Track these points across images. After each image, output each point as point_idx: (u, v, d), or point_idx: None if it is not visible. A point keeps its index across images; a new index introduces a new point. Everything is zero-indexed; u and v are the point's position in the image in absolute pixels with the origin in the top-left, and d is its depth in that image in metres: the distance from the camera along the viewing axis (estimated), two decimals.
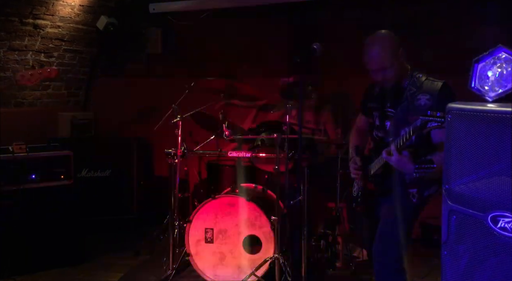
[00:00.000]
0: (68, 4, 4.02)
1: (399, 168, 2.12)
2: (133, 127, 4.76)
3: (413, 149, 2.12)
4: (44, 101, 4.43)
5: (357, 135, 2.66)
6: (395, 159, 2.08)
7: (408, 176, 2.20)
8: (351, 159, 2.53)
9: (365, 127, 2.66)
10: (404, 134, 2.04)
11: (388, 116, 2.32)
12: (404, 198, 2.23)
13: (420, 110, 2.11)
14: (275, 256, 2.89)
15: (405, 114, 2.19)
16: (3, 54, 3.83)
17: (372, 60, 2.22)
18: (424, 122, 1.87)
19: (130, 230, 4.18)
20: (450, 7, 3.85)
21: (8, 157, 3.14)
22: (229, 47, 4.58)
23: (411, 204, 2.24)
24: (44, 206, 3.27)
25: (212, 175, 3.82)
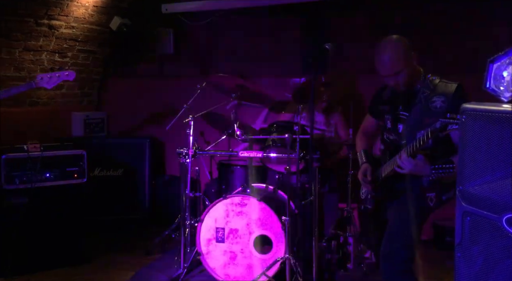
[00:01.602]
0: (82, 5, 4.07)
1: (416, 173, 2.10)
2: (145, 126, 4.81)
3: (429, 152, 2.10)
4: (58, 101, 4.49)
5: (364, 138, 2.64)
6: (410, 166, 2.07)
7: (426, 179, 2.19)
8: (362, 166, 2.50)
9: (372, 129, 2.64)
10: (421, 136, 2.02)
11: (401, 119, 2.30)
12: (420, 202, 2.21)
13: (435, 112, 2.09)
14: (286, 256, 2.89)
15: (420, 116, 2.17)
16: (19, 55, 3.90)
17: (385, 65, 2.20)
18: (444, 125, 1.86)
19: (141, 229, 4.21)
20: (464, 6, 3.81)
21: (23, 156, 3.18)
22: (241, 47, 4.59)
23: (427, 207, 2.22)
24: (58, 205, 3.32)
25: (223, 175, 3.83)
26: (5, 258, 3.13)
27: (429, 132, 1.96)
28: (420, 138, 2.03)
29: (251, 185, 3.30)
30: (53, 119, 4.39)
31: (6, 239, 3.12)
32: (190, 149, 3.24)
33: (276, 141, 3.23)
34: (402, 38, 2.24)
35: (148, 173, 4.40)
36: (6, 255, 3.12)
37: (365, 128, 2.67)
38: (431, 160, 2.06)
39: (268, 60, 4.52)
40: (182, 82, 4.64)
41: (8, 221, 3.12)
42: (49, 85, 2.97)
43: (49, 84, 2.96)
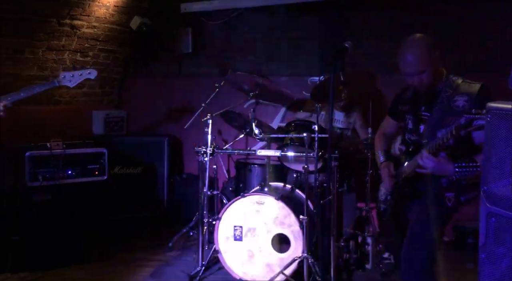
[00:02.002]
0: (104, 5, 4.13)
1: (438, 171, 2.07)
2: (163, 125, 4.86)
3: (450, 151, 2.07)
4: (80, 100, 4.57)
5: (383, 139, 2.62)
6: (432, 164, 2.05)
7: (446, 179, 2.16)
8: (383, 163, 2.48)
9: (392, 131, 2.62)
10: (445, 134, 2.00)
11: (422, 119, 2.28)
12: (439, 202, 2.18)
13: (457, 111, 2.06)
14: (304, 255, 2.89)
15: (441, 116, 2.15)
16: (42, 54, 3.98)
17: (408, 65, 2.18)
18: (469, 120, 1.82)
19: (160, 227, 4.25)
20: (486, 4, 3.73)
21: (46, 154, 3.26)
22: (259, 46, 4.60)
23: (445, 208, 2.20)
24: (79, 201, 3.38)
25: (241, 174, 3.84)
26: (28, 253, 3.20)
27: (453, 128, 1.92)
28: (443, 135, 2.00)
29: (269, 184, 3.31)
30: (75, 118, 4.47)
31: (30, 235, 3.20)
32: (209, 147, 3.26)
33: (294, 140, 3.23)
34: (426, 37, 2.21)
35: (167, 171, 4.44)
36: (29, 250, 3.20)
37: (384, 130, 2.65)
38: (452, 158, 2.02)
39: (286, 58, 4.51)
40: (200, 81, 4.68)
41: (31, 218, 3.20)
42: (72, 84, 3.01)
43: (71, 83, 3.01)
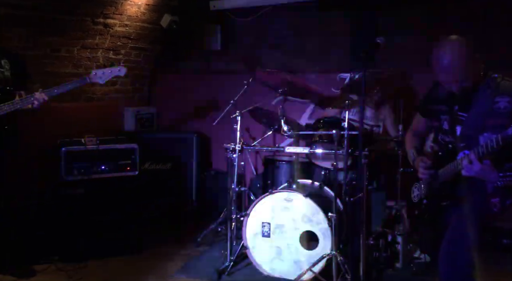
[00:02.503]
0: (135, 4, 4.22)
1: (481, 177, 2.01)
2: (192, 121, 4.91)
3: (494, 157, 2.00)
4: (112, 96, 4.68)
5: (414, 138, 2.55)
6: (477, 169, 1.97)
7: (491, 185, 2.09)
8: (418, 159, 2.41)
9: (423, 130, 2.54)
10: (490, 142, 1.91)
11: (459, 120, 2.18)
12: (483, 207, 2.12)
13: (499, 113, 1.97)
14: (333, 253, 2.87)
15: (481, 118, 2.06)
16: (77, 52, 4.10)
17: (447, 72, 2.07)
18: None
19: (189, 222, 4.32)
20: None
21: (81, 149, 3.36)
22: (288, 42, 4.58)
23: (492, 213, 2.13)
24: (112, 196, 3.47)
25: (269, 170, 3.85)
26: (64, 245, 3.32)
27: (499, 139, 1.84)
28: (488, 144, 1.92)
29: (297, 181, 3.30)
30: (107, 114, 4.58)
31: (65, 227, 3.32)
32: (237, 144, 3.28)
33: (323, 137, 3.21)
34: (465, 40, 2.09)
35: (195, 167, 4.49)
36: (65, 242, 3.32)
37: (415, 128, 2.58)
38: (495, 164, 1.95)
39: (315, 55, 4.47)
40: (229, 78, 4.70)
41: (67, 211, 3.31)
42: (102, 80, 3.10)
43: (102, 79, 3.09)
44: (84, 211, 3.32)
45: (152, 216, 4.23)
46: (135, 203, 3.58)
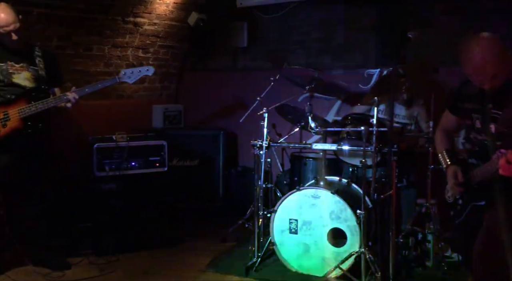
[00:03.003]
0: (164, 2, 4.28)
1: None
2: (218, 118, 4.95)
3: None
4: (141, 94, 4.78)
5: (445, 137, 2.48)
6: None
7: None
8: (449, 168, 2.34)
9: (453, 127, 2.48)
10: None
11: (493, 118, 2.11)
12: None
13: None
14: (361, 250, 2.85)
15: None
16: (108, 51, 4.20)
17: (477, 71, 2.02)
18: None
19: (216, 218, 4.36)
20: None
21: (112, 146, 3.44)
22: (314, 38, 4.55)
23: None
24: (141, 192, 3.54)
25: (295, 167, 3.85)
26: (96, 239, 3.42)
27: None
28: None
29: (324, 177, 3.28)
30: (136, 111, 4.67)
31: (97, 222, 3.41)
32: (264, 141, 3.29)
33: (350, 134, 3.18)
34: (496, 38, 2.04)
35: (222, 163, 4.53)
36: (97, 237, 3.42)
37: (445, 126, 2.52)
38: None
39: (342, 50, 4.43)
40: (255, 75, 4.72)
41: (99, 206, 3.41)
42: (131, 80, 3.16)
43: (130, 79, 3.15)
44: (115, 206, 3.40)
45: (179, 211, 4.30)
46: (164, 199, 3.64)
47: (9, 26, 2.79)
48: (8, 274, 3.02)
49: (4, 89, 2.91)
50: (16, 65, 2.92)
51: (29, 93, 2.93)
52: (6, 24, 2.78)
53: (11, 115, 2.87)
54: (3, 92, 2.90)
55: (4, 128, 2.87)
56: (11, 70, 2.91)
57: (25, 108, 2.89)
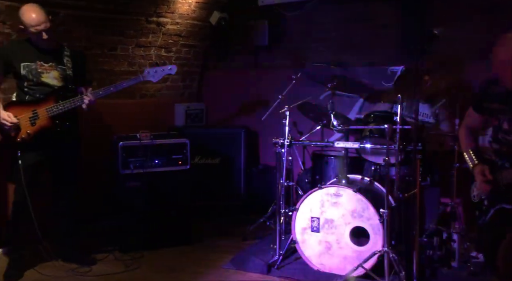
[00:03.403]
0: (186, 2, 4.33)
1: None
2: (239, 117, 4.97)
3: None
4: (163, 93, 4.84)
5: (470, 136, 2.44)
6: None
7: None
8: (476, 167, 2.31)
9: (478, 126, 2.44)
10: None
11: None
12: None
13: None
14: (385, 249, 2.82)
15: None
16: (131, 51, 4.27)
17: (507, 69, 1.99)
18: None
19: (237, 216, 4.39)
20: None
21: (136, 144, 3.49)
22: (336, 36, 4.52)
23: None
24: (164, 189, 3.59)
25: (317, 165, 3.83)
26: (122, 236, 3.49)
27: None
28: None
29: (347, 176, 3.26)
30: (159, 110, 4.74)
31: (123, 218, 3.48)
32: (286, 139, 3.29)
33: (373, 132, 3.15)
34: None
35: (244, 162, 4.54)
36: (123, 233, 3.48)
37: (469, 125, 2.47)
38: None
39: (365, 47, 4.38)
40: (276, 73, 4.71)
41: (124, 203, 3.47)
42: (155, 79, 3.20)
43: (154, 78, 3.19)
44: (139, 203, 3.45)
45: (201, 209, 4.34)
46: (187, 196, 3.67)
47: (41, 25, 2.87)
48: (36, 268, 3.12)
49: (34, 88, 2.99)
50: (45, 64, 3.00)
51: (57, 92, 3.01)
52: (37, 23, 2.86)
53: (40, 113, 2.96)
54: (32, 91, 2.99)
55: (33, 127, 2.95)
56: (40, 69, 2.99)
57: (53, 107, 2.97)
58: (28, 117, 2.94)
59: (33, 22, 2.85)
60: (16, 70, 2.96)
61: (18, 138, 2.92)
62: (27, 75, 2.96)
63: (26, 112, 2.94)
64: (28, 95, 2.99)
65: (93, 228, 3.88)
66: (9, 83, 3.28)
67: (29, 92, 2.99)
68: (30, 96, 2.99)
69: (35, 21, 2.85)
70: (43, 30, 2.89)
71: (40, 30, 2.88)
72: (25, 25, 2.87)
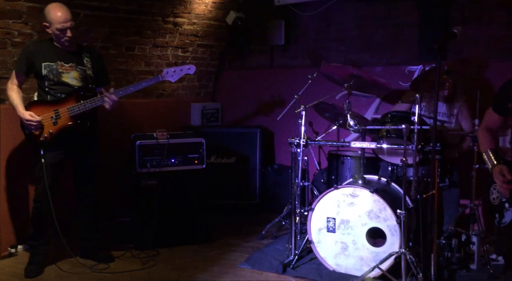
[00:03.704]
0: (203, 2, 4.35)
1: None
2: (255, 116, 4.98)
3: None
4: (180, 93, 4.88)
5: (489, 136, 2.39)
6: None
7: None
8: (496, 167, 2.27)
9: (497, 126, 2.40)
10: None
11: None
12: None
13: None
14: (402, 251, 2.79)
15: None
16: (149, 51, 4.31)
17: None
18: None
19: (252, 215, 4.40)
20: None
21: (153, 143, 3.53)
22: (353, 35, 4.49)
23: None
24: (180, 188, 3.62)
25: (333, 165, 3.82)
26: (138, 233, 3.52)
27: None
28: None
29: (363, 176, 3.24)
30: (175, 109, 4.78)
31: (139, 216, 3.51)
32: (302, 139, 3.28)
33: (390, 132, 3.12)
34: None
35: (259, 161, 4.55)
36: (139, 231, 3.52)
37: (489, 125, 2.43)
38: None
39: (382, 47, 4.35)
40: (292, 72, 4.71)
41: (141, 201, 3.51)
42: (173, 79, 3.23)
43: (173, 78, 3.22)
44: (156, 202, 3.48)
45: (217, 207, 4.36)
46: (202, 195, 3.69)
47: (67, 23, 2.95)
48: (56, 265, 3.18)
49: (54, 88, 3.04)
50: (65, 64, 3.06)
51: (77, 92, 3.05)
52: (64, 21, 2.94)
53: (61, 113, 3.01)
54: (54, 91, 3.04)
55: (55, 126, 3.01)
56: (60, 69, 3.04)
57: (74, 107, 3.02)
58: (50, 116, 2.99)
59: (60, 19, 2.92)
60: (37, 70, 3.02)
61: (40, 137, 2.98)
62: (48, 75, 3.01)
63: (48, 112, 2.99)
64: (50, 95, 3.04)
65: (110, 225, 3.94)
66: (30, 83, 3.35)
67: (50, 92, 3.04)
68: (51, 96, 3.04)
69: (62, 18, 2.93)
70: (69, 28, 2.95)
71: (66, 27, 2.94)
72: (51, 22, 2.94)
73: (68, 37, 2.98)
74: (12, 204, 3.45)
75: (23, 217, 3.44)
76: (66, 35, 2.97)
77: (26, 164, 3.33)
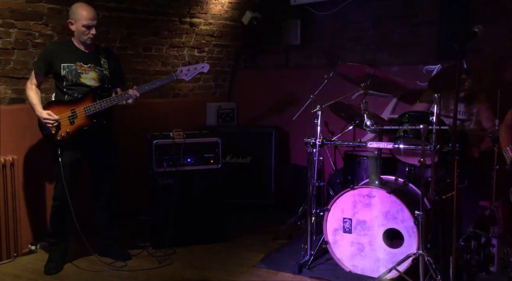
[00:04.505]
0: (219, 2, 4.37)
1: None
2: (270, 116, 4.97)
3: None
4: (196, 92, 4.90)
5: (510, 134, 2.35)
6: None
7: None
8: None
9: None
10: None
11: None
12: None
13: None
14: (420, 252, 2.75)
15: None
16: (165, 51, 4.35)
17: None
18: None
19: (268, 215, 4.39)
20: None
21: (169, 142, 3.56)
22: (369, 34, 4.45)
23: None
24: (196, 187, 3.63)
25: (349, 165, 3.79)
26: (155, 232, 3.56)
27: None
28: None
29: (380, 177, 3.21)
30: (191, 109, 4.81)
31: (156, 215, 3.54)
32: (318, 139, 3.26)
33: (408, 132, 3.08)
34: None
35: (274, 161, 4.54)
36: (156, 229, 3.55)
37: (510, 124, 2.38)
38: None
39: (399, 46, 4.30)
40: (308, 72, 4.69)
41: (158, 200, 3.54)
42: (187, 77, 3.25)
43: (187, 76, 3.24)
44: (172, 200, 3.50)
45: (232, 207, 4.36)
46: (218, 194, 3.71)
47: (93, 21, 3.03)
48: (74, 262, 3.23)
49: (72, 88, 3.09)
50: (84, 65, 3.10)
51: (94, 92, 3.10)
52: (92, 18, 3.02)
53: (78, 112, 3.06)
54: (71, 91, 3.09)
55: (72, 125, 3.06)
56: (79, 70, 3.09)
57: (91, 106, 3.06)
58: (67, 116, 3.04)
59: (88, 16, 3.00)
60: (56, 70, 3.07)
61: (58, 136, 3.03)
62: (66, 75, 3.06)
63: (65, 112, 3.04)
64: (67, 95, 3.09)
65: (127, 224, 3.98)
66: (49, 84, 3.41)
67: (67, 92, 3.09)
68: (69, 96, 3.09)
69: (90, 15, 3.01)
70: (94, 26, 3.01)
71: (92, 25, 3.01)
72: (78, 19, 3.01)
73: (92, 35, 3.04)
74: (32, 202, 3.52)
75: (42, 215, 3.50)
76: (91, 32, 3.03)
77: (45, 163, 3.38)
